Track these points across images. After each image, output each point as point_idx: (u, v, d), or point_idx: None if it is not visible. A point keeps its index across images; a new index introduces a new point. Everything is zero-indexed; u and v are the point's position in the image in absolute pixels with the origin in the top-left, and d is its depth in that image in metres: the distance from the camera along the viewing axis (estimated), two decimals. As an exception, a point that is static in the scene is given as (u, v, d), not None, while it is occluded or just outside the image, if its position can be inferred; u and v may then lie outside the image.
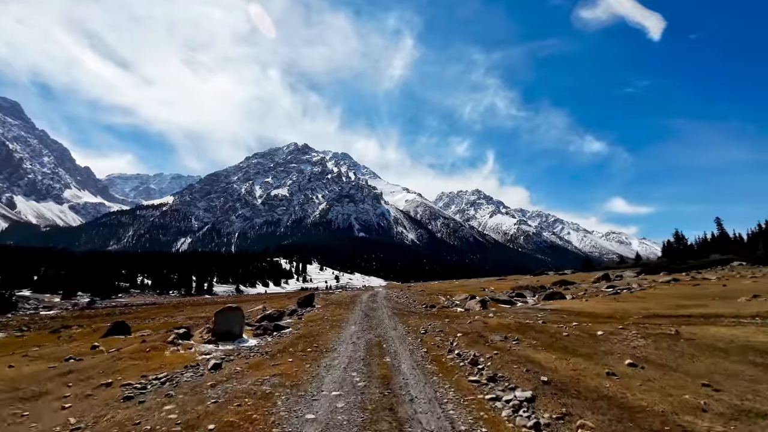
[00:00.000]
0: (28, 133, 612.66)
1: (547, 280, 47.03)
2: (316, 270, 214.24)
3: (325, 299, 30.90)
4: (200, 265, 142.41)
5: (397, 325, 14.60)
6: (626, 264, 73.70)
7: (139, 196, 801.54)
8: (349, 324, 15.35)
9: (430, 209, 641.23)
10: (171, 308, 37.89)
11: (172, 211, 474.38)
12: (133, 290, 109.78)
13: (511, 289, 32.82)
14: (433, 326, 13.57)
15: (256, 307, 26.28)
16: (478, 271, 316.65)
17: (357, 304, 24.34)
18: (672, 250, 70.89)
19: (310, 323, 15.84)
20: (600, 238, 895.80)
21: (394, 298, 29.42)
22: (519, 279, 59.89)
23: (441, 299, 27.14)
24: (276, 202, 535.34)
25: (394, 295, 33.67)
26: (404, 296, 31.38)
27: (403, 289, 42.70)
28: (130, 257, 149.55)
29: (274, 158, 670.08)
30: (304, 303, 24.66)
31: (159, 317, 28.55)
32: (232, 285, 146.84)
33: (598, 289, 26.75)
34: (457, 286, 42.93)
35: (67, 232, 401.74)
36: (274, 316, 16.44)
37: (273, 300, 39.86)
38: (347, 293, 42.02)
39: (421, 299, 27.77)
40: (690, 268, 43.37)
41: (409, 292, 36.44)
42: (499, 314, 15.98)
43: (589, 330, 10.58)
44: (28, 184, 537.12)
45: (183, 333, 11.75)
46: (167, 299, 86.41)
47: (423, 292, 34.62)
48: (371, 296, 32.68)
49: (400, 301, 26.89)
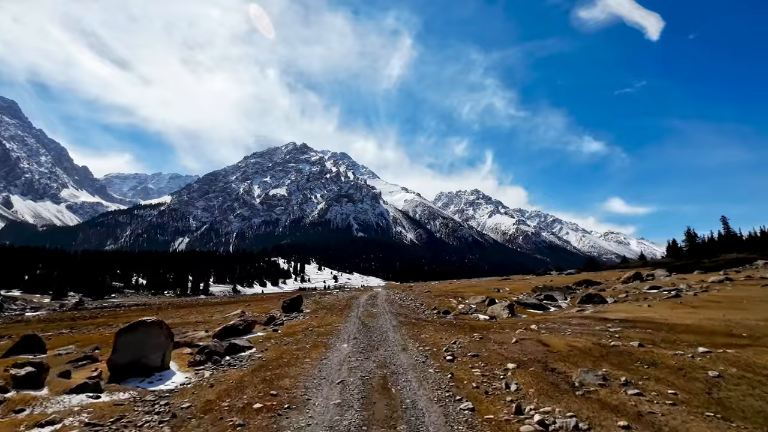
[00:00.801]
0: (25, 133, 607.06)
1: (563, 279, 41.60)
2: (315, 270, 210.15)
3: (317, 302, 26.52)
4: (197, 265, 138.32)
5: (408, 343, 10.64)
6: (632, 263, 69.39)
7: (137, 195, 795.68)
8: (339, 340, 11.33)
9: (429, 209, 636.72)
10: (154, 311, 33.50)
11: (169, 211, 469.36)
12: (128, 290, 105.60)
13: (531, 291, 28.49)
14: (460, 345, 9.61)
15: (232, 312, 22.02)
16: (478, 271, 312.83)
17: (353, 309, 20.26)
18: (677, 250, 66.90)
19: (286, 339, 11.76)
20: (599, 238, 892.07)
21: (397, 301, 24.80)
22: (528, 279, 54.00)
23: (453, 302, 22.83)
24: (274, 202, 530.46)
25: (396, 296, 28.85)
26: (408, 298, 26.64)
27: (405, 290, 37.16)
28: (126, 257, 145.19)
29: (272, 158, 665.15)
30: (289, 307, 20.58)
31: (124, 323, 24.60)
32: (229, 285, 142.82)
33: (639, 291, 22.45)
34: (466, 287, 37.34)
35: (64, 231, 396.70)
36: (238, 328, 12.24)
37: (263, 302, 35.12)
38: (344, 294, 36.11)
39: (429, 302, 23.28)
40: (718, 267, 39.41)
41: (412, 293, 31.20)
42: (545, 326, 11.89)
43: (750, 364, 6.22)
44: (25, 184, 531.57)
45: (28, 374, 6.38)
46: (161, 300, 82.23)
47: (429, 294, 29.37)
48: (370, 298, 27.90)
49: (404, 305, 22.48)
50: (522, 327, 11.93)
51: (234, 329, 12.13)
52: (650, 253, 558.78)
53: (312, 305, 24.12)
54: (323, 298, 31.68)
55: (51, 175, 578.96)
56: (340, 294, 38.05)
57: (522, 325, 12.36)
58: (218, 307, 31.82)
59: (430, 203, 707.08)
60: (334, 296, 33.46)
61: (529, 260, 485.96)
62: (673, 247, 69.19)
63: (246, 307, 27.53)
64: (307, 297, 35.24)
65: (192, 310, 32.00)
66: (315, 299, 29.41)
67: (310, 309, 21.53)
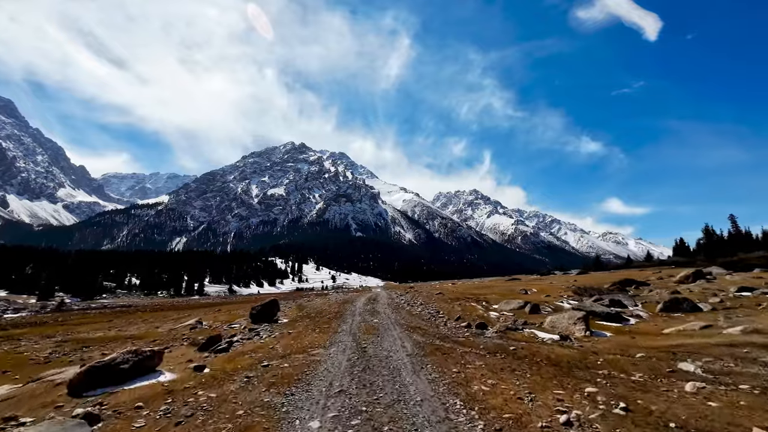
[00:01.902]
0: (21, 132, 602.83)
1: (593, 279, 34.17)
2: (313, 270, 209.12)
3: (301, 308, 20.93)
4: (193, 264, 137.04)
5: (450, 411, 5.33)
6: (637, 263, 68.66)
7: (135, 195, 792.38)
8: (307, 402, 5.77)
9: (428, 209, 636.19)
10: (137, 315, 29.72)
11: (167, 211, 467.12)
12: (120, 291, 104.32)
13: (572, 293, 22.78)
14: (584, 423, 4.65)
15: (186, 322, 17.84)
16: (476, 271, 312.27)
17: (346, 319, 15.29)
18: (684, 249, 66.20)
19: (194, 403, 5.91)
20: (597, 238, 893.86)
21: (404, 306, 19.69)
22: (546, 279, 45.70)
23: (479, 309, 17.38)
24: (272, 202, 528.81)
25: (401, 299, 23.48)
26: (416, 302, 21.21)
27: (408, 291, 31.26)
28: (121, 257, 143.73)
29: (270, 157, 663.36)
30: (259, 316, 15.69)
31: (78, 332, 18.91)
32: (225, 285, 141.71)
33: (726, 294, 17.39)
34: (481, 287, 31.32)
35: (61, 231, 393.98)
36: (121, 368, 6.68)
37: (238, 306, 29.11)
38: (338, 296, 30.98)
39: (447, 308, 17.86)
40: (755, 266, 37.41)
41: (419, 295, 25.39)
42: (706, 365, 7.19)
43: None
44: (21, 183, 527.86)
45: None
46: (154, 300, 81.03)
47: (443, 296, 23.20)
48: (369, 301, 22.57)
49: (414, 312, 17.41)
50: (667, 368, 7.12)
51: (112, 370, 6.56)
52: (649, 253, 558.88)
53: (293, 312, 19.02)
54: (312, 301, 26.04)
55: (47, 174, 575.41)
56: (334, 296, 32.82)
57: (650, 358, 7.67)
58: (185, 312, 27.11)
59: (429, 203, 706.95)
60: (326, 299, 28.23)
61: (528, 260, 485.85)
62: (680, 246, 68.48)
63: (214, 313, 22.46)
64: (295, 299, 29.89)
65: (160, 315, 27.19)
66: (300, 303, 23.89)
67: (288, 318, 16.54)
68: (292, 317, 16.92)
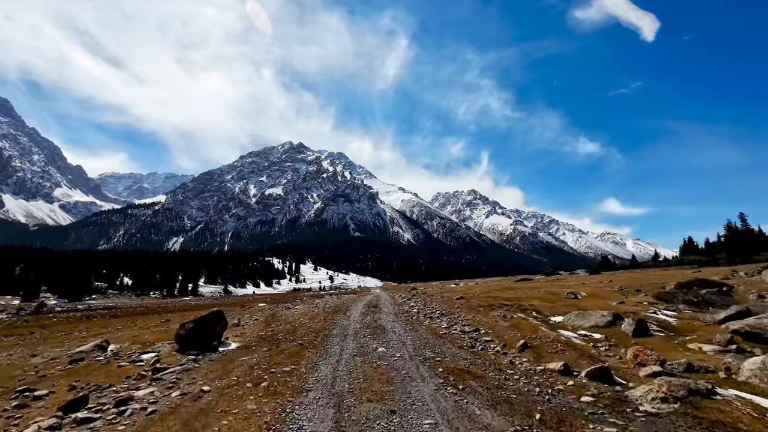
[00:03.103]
0: (17, 131, 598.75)
1: (630, 280, 28.62)
2: (310, 270, 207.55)
3: (271, 319, 15.09)
4: (188, 264, 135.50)
5: None
6: (646, 263, 67.23)
7: (132, 195, 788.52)
8: None
9: (427, 209, 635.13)
10: (117, 318, 26.57)
11: (164, 210, 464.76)
12: (111, 291, 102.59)
13: (653, 299, 18.22)
14: None
15: (84, 346, 10.82)
16: (475, 271, 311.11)
17: (332, 345, 9.97)
18: (693, 248, 65.14)
19: None
20: (595, 238, 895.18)
21: (418, 318, 13.92)
22: (562, 280, 39.34)
23: (540, 327, 11.64)
24: (270, 202, 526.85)
25: (409, 305, 18.07)
26: (434, 312, 15.45)
27: (415, 294, 26.38)
28: (115, 256, 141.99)
29: (268, 157, 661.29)
30: (190, 338, 9.67)
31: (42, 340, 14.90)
32: (220, 285, 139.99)
33: None
34: (506, 290, 25.26)
35: (56, 231, 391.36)
36: None
37: (191, 312, 22.75)
38: (330, 301, 24.42)
39: (486, 323, 12.44)
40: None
41: (431, 300, 19.99)
42: None
43: None
44: (17, 183, 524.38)
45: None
46: (143, 301, 79.27)
47: (466, 303, 17.26)
48: (369, 310, 17.12)
49: (439, 330, 11.57)
50: None
51: None
52: (645, 254, 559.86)
53: (255, 328, 13.11)
54: (293, 308, 19.68)
55: (44, 174, 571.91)
56: (325, 300, 25.93)
57: None
58: (165, 316, 23.40)
59: (428, 203, 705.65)
60: (314, 305, 21.48)
61: (527, 260, 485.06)
62: (688, 245, 67.77)
63: (140, 328, 16.47)
64: (277, 303, 25.75)
65: (122, 321, 22.25)
66: (274, 312, 17.98)
67: (239, 341, 10.77)
68: (246, 340, 10.92)
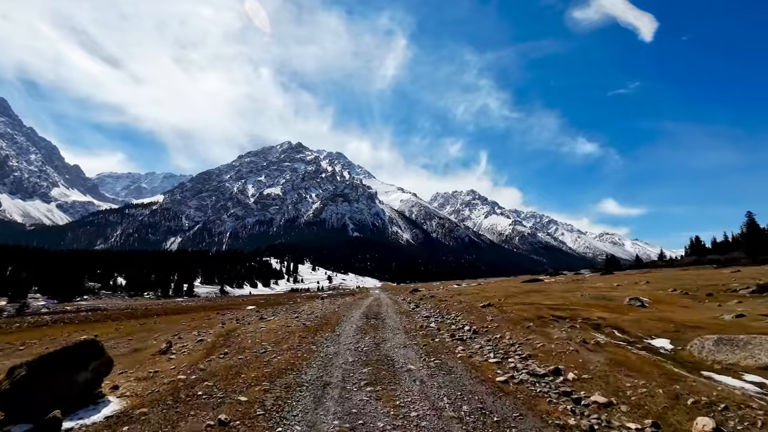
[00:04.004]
0: (14, 130, 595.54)
1: (667, 281, 25.22)
2: (308, 270, 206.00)
3: (227, 339, 10.59)
4: (185, 264, 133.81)
5: None
6: (659, 263, 65.61)
7: (130, 195, 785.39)
8: None
9: (426, 209, 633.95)
10: (95, 322, 24.84)
11: (162, 210, 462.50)
12: (104, 291, 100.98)
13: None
14: None
15: None
16: (474, 271, 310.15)
17: (299, 406, 5.17)
18: (700, 248, 63.94)
19: None
20: (593, 239, 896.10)
21: (440, 336, 9.65)
22: (581, 281, 33.82)
23: (683, 375, 5.64)
24: (269, 201, 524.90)
25: (421, 316, 13.68)
26: (461, 326, 10.67)
27: (423, 298, 22.20)
28: (110, 256, 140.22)
29: (267, 157, 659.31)
30: (14, 398, 4.51)
31: None
32: (217, 286, 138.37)
33: None
34: (532, 293, 19.98)
35: (53, 231, 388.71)
36: None
37: (182, 314, 22.79)
38: (320, 307, 20.44)
39: (559, 353, 7.13)
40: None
41: (447, 306, 15.71)
42: None
43: None
44: (14, 182, 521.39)
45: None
46: (137, 302, 77.77)
47: (499, 313, 11.98)
48: (367, 321, 13.05)
49: (483, 366, 6.76)
50: None
51: None
52: (644, 254, 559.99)
53: (186, 359, 8.07)
54: (264, 321, 14.59)
55: (41, 173, 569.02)
56: (314, 306, 21.32)
57: None
58: (141, 320, 22.22)
59: (427, 203, 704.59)
60: (296, 313, 17.16)
61: (526, 261, 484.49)
62: (696, 245, 66.69)
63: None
64: (263, 307, 22.77)
65: (151, 322, 23.15)
66: (231, 328, 12.81)
67: (124, 403, 5.30)
68: (140, 398, 5.56)
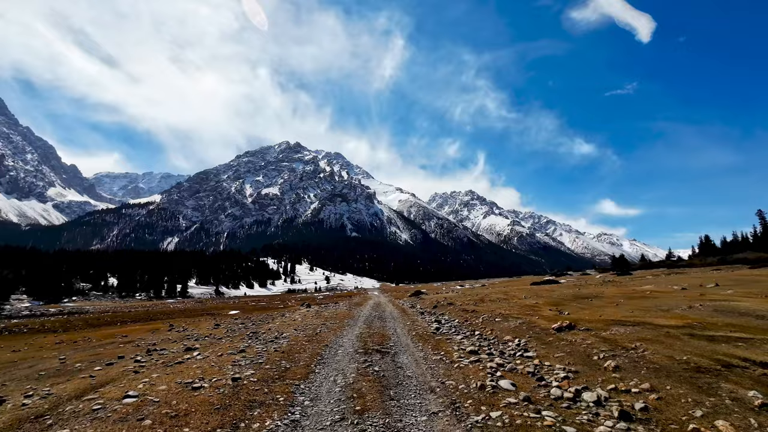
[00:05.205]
0: (10, 130, 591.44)
1: (744, 284, 17.01)
2: (306, 270, 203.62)
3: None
4: (180, 265, 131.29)
5: None
6: (666, 262, 63.22)
7: (127, 195, 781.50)
8: None
9: (424, 209, 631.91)
10: (73, 329, 23.91)
11: (158, 210, 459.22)
12: (95, 292, 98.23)
13: None
14: None
15: None
16: (473, 271, 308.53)
17: None
18: (710, 247, 61.98)
19: None
20: (592, 239, 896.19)
21: (522, 415, 4.69)
22: (609, 284, 25.65)
23: None
24: (267, 201, 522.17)
25: (444, 334, 10.83)
26: (522, 363, 6.92)
27: (435, 305, 19.70)
28: (104, 256, 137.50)
29: (265, 157, 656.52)
30: None
31: None
32: (212, 286, 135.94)
33: None
34: (579, 298, 15.80)
35: (49, 231, 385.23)
36: None
37: (153, 322, 20.55)
38: (303, 320, 16.59)
39: None
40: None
41: (466, 314, 14.27)
42: None
43: None
44: (9, 182, 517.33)
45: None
46: (127, 304, 75.32)
47: (580, 338, 7.91)
48: (367, 357, 8.48)
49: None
50: None
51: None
52: (644, 254, 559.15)
53: None
54: (170, 366, 7.97)
55: (37, 173, 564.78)
56: (293, 319, 17.47)
57: None
58: (113, 329, 20.81)
59: (425, 204, 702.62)
60: (262, 332, 12.88)
61: (524, 261, 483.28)
62: (706, 244, 64.49)
63: None
64: (247, 312, 22.12)
65: (137, 328, 21.17)
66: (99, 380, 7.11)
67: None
68: None
